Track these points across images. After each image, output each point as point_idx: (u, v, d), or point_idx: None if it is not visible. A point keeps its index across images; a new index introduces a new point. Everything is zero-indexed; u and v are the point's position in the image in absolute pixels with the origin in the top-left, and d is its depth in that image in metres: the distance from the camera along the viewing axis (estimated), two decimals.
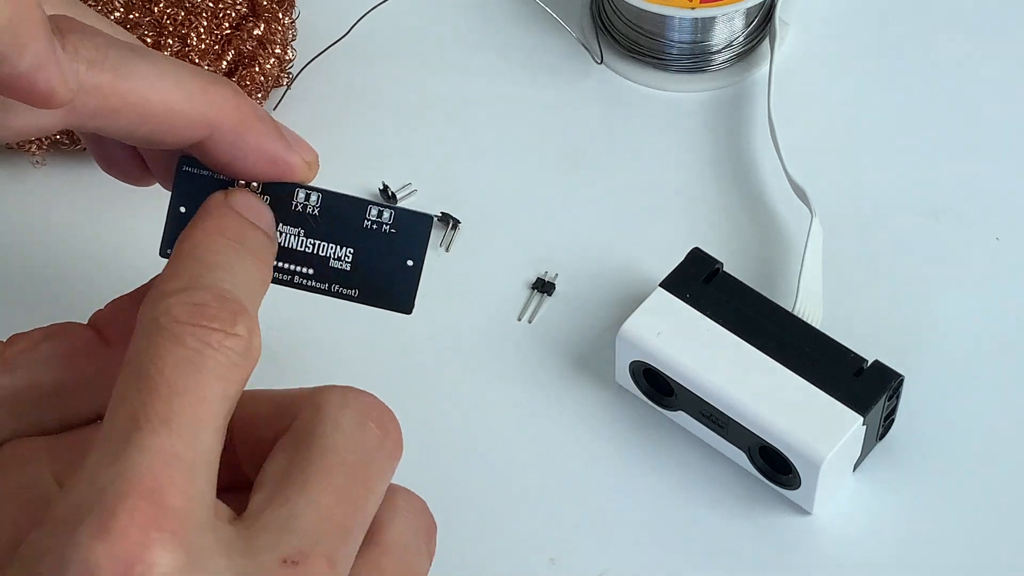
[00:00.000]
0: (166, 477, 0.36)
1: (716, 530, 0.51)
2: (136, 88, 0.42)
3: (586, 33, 0.64)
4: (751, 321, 0.51)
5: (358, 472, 0.40)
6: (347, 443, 0.40)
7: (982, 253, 0.57)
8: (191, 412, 0.37)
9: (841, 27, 0.64)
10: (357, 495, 0.40)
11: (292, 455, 0.40)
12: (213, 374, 0.38)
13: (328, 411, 0.41)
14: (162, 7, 0.59)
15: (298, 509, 0.38)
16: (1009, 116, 0.61)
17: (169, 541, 0.35)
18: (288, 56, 0.61)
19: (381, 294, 0.46)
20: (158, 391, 0.37)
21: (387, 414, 0.42)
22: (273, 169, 0.44)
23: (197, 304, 0.39)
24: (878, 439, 0.52)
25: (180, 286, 0.40)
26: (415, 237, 0.45)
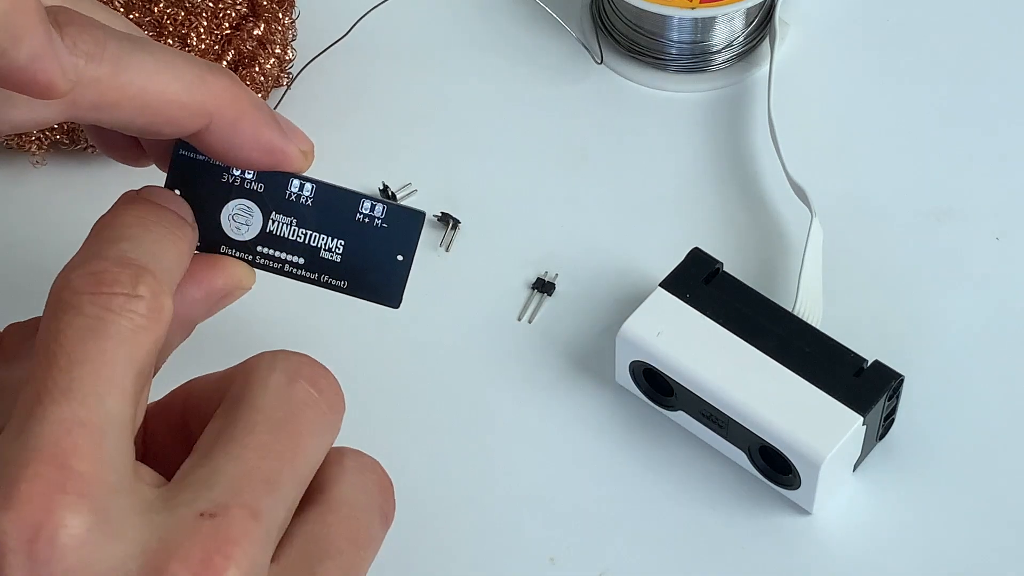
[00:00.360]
0: (69, 443, 0.36)
1: (716, 530, 0.51)
2: (134, 80, 0.42)
3: (586, 33, 0.64)
4: (751, 321, 0.51)
5: (285, 427, 0.39)
6: (273, 400, 0.40)
7: (982, 253, 0.57)
8: (92, 379, 0.37)
9: (841, 27, 0.64)
10: (283, 448, 0.39)
11: (222, 420, 0.40)
12: (115, 339, 0.38)
13: (256, 374, 0.41)
14: (162, 7, 0.59)
15: (219, 465, 0.38)
16: (1009, 116, 0.61)
17: (76, 503, 0.36)
18: (288, 56, 0.61)
19: (369, 287, 0.46)
20: (58, 363, 0.37)
21: (320, 371, 0.41)
22: (269, 158, 0.44)
23: (94, 272, 0.39)
24: (878, 439, 0.52)
25: (79, 260, 0.40)
26: (407, 233, 0.45)
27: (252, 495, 0.38)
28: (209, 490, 0.38)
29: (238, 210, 0.46)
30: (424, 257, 0.58)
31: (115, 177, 0.59)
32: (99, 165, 0.60)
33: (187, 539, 0.36)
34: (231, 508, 0.37)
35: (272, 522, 0.38)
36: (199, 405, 0.42)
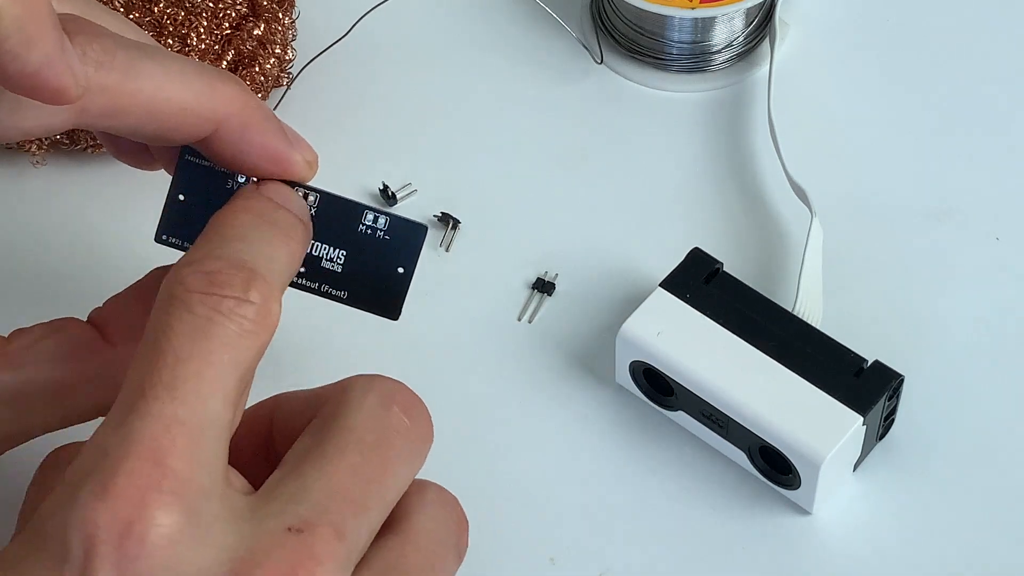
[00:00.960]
0: (167, 441, 0.36)
1: (716, 530, 0.51)
2: (144, 88, 0.42)
3: (586, 33, 0.64)
4: (751, 321, 0.51)
5: (376, 451, 0.40)
6: (367, 422, 0.40)
7: (982, 253, 0.57)
8: (196, 379, 0.38)
9: (841, 27, 0.64)
10: (372, 472, 0.40)
11: (314, 437, 0.40)
12: (221, 341, 0.38)
13: (352, 394, 0.41)
14: (162, 7, 0.59)
15: (309, 481, 0.39)
16: (1009, 116, 0.61)
17: (169, 502, 0.36)
18: (288, 56, 0.61)
19: (370, 298, 0.46)
20: (164, 358, 0.38)
21: (414, 400, 0.42)
22: (274, 166, 0.45)
23: (209, 272, 0.39)
24: (878, 439, 0.52)
25: (195, 257, 0.40)
26: (408, 245, 0.45)
27: (339, 515, 0.38)
28: (297, 505, 0.38)
29: None
30: (424, 257, 0.57)
31: (115, 177, 0.59)
32: (99, 165, 0.60)
33: (273, 552, 0.37)
34: (318, 526, 0.37)
35: (355, 544, 0.38)
36: (287, 420, 0.42)
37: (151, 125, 0.43)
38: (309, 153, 0.45)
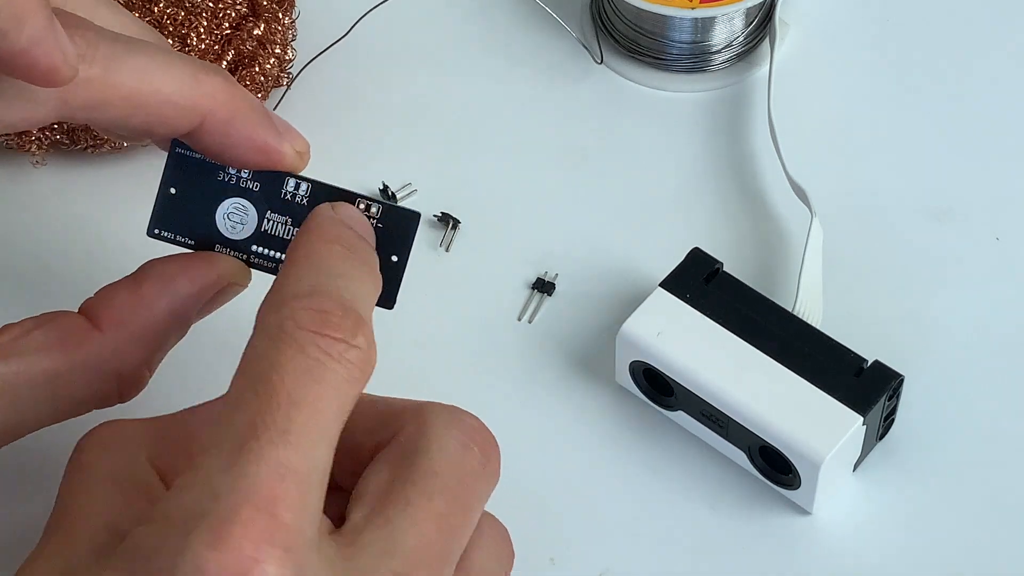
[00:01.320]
0: (281, 490, 0.36)
1: (716, 530, 0.51)
2: (127, 81, 0.42)
3: (586, 33, 0.64)
4: (751, 321, 0.51)
5: (459, 498, 0.40)
6: (450, 466, 0.40)
7: (982, 253, 0.57)
8: (309, 425, 0.37)
9: (841, 27, 0.64)
10: (456, 523, 0.40)
11: (395, 471, 0.40)
12: (331, 386, 0.38)
13: (434, 430, 0.40)
14: (162, 7, 0.59)
15: (399, 532, 0.38)
16: (1009, 116, 0.61)
17: (280, 557, 0.35)
18: (288, 56, 0.61)
19: None
20: (277, 399, 0.37)
21: (490, 440, 0.42)
22: (263, 158, 0.44)
23: (322, 312, 0.38)
24: (878, 439, 0.52)
25: (304, 291, 0.39)
26: (402, 233, 0.45)
27: (430, 570, 0.38)
28: (390, 559, 0.38)
29: (233, 209, 0.46)
30: (424, 257, 0.58)
31: (115, 177, 0.59)
32: (99, 165, 0.60)
33: None
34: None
35: None
36: (347, 431, 0.41)
37: (135, 118, 0.43)
38: (299, 143, 0.45)
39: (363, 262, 0.42)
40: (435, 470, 0.40)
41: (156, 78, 0.42)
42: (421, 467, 0.40)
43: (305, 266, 0.41)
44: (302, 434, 0.36)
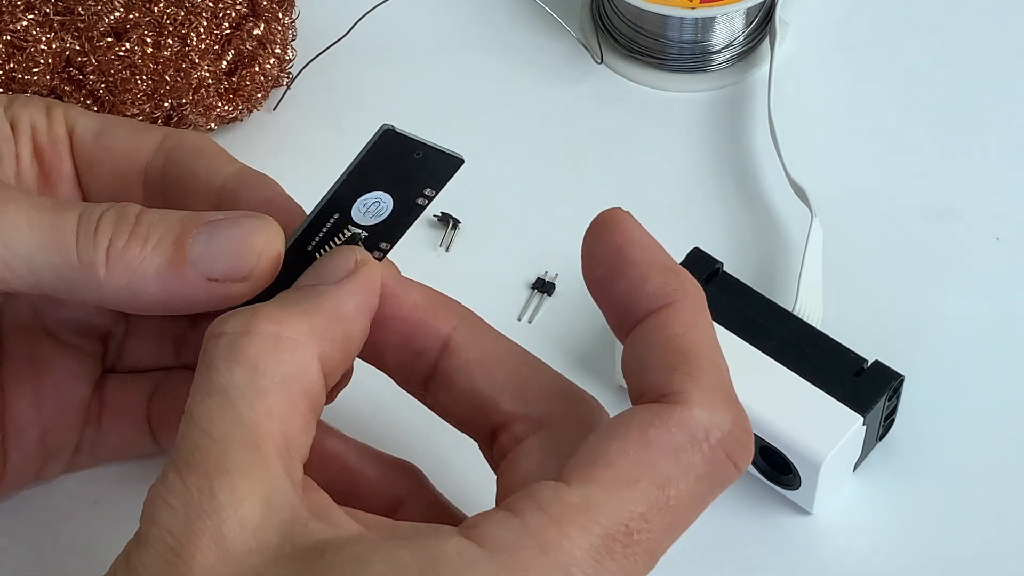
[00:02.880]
0: None
1: (716, 530, 0.51)
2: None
3: (586, 33, 0.64)
4: (751, 321, 0.51)
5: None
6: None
7: (982, 253, 0.57)
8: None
9: (841, 27, 0.64)
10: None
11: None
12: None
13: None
14: (162, 7, 0.59)
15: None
16: (1009, 116, 0.61)
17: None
18: (288, 56, 0.61)
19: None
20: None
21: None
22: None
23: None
24: (878, 439, 0.52)
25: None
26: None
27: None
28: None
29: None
30: (424, 257, 0.58)
31: None
32: None
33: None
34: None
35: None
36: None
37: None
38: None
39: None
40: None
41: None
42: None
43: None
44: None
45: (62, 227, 0.42)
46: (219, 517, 0.36)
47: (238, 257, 0.42)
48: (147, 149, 0.47)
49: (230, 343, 0.39)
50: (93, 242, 0.42)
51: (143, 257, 0.42)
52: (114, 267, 0.42)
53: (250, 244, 0.42)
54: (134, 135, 0.47)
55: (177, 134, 0.47)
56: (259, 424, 0.38)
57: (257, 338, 0.39)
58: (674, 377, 0.39)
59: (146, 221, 0.42)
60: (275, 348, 0.39)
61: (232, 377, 0.38)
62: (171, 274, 0.42)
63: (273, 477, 0.37)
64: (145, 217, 0.42)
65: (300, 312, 0.40)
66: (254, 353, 0.38)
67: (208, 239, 0.42)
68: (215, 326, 0.39)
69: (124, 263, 0.42)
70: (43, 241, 0.42)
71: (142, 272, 0.42)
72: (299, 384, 0.39)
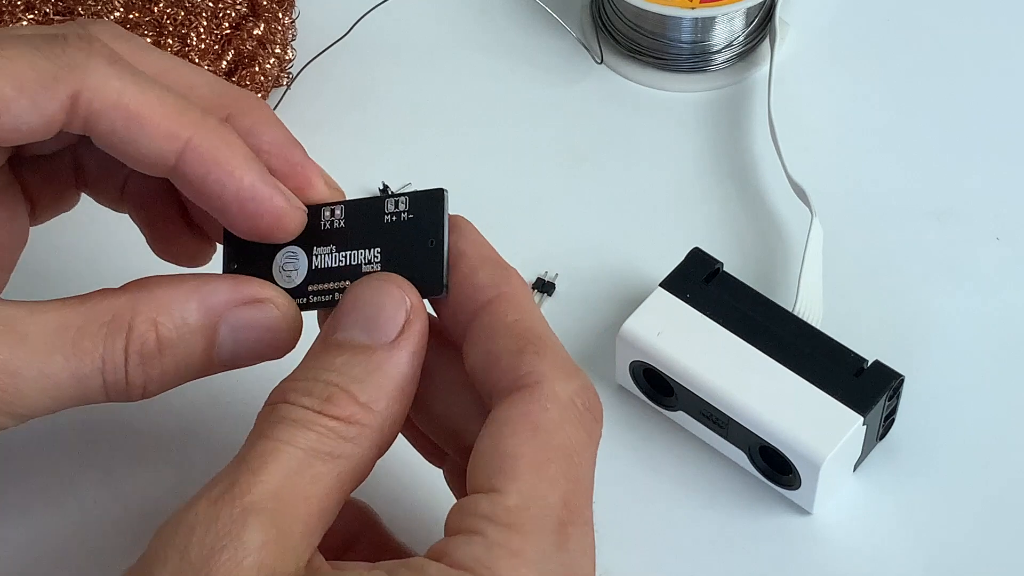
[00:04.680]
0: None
1: (716, 530, 0.51)
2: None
3: (586, 33, 0.64)
4: (751, 321, 0.51)
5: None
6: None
7: (982, 253, 0.57)
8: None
9: (841, 27, 0.64)
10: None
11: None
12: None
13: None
14: (162, 7, 0.59)
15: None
16: (1009, 116, 0.61)
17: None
18: (288, 56, 0.61)
19: (414, 282, 0.44)
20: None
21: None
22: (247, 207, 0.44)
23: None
24: (878, 439, 0.52)
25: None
26: (432, 215, 0.44)
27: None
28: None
29: (286, 259, 0.45)
30: None
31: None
32: None
33: None
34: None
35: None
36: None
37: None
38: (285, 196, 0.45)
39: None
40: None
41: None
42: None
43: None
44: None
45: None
46: (242, 552, 0.37)
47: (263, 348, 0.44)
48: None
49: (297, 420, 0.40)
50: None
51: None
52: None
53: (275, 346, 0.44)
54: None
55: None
56: (304, 493, 0.39)
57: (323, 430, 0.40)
58: (524, 359, 0.41)
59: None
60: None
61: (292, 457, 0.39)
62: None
63: (298, 539, 0.39)
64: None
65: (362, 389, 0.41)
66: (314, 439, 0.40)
67: (233, 341, 0.44)
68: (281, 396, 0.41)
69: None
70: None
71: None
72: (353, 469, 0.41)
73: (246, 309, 0.44)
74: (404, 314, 0.42)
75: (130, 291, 0.44)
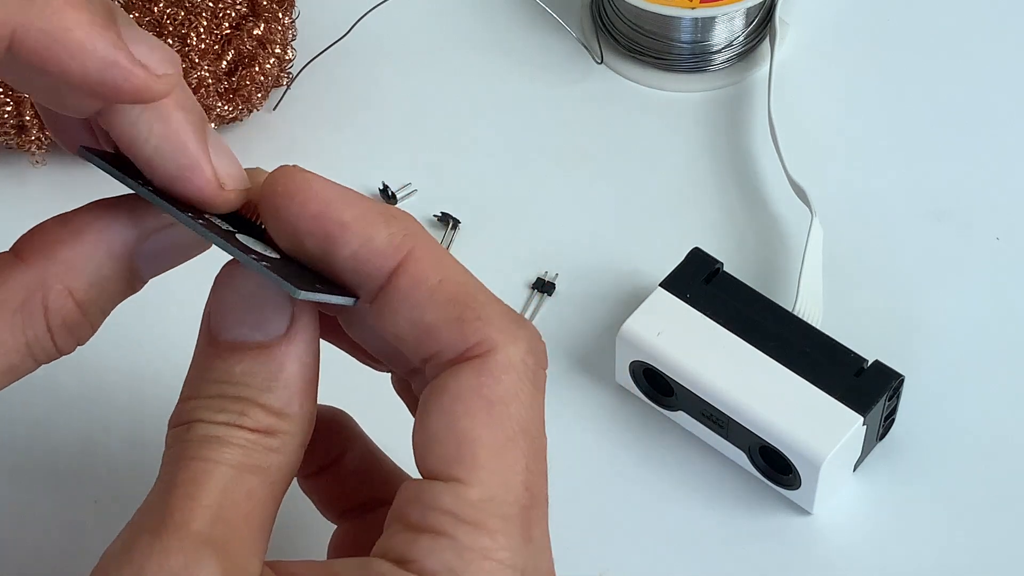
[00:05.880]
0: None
1: (716, 530, 0.51)
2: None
3: (586, 33, 0.64)
4: (751, 321, 0.51)
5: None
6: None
7: (982, 253, 0.57)
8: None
9: (841, 27, 0.64)
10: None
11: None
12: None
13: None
14: (162, 7, 0.59)
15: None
16: (1009, 116, 0.61)
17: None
18: (288, 56, 0.61)
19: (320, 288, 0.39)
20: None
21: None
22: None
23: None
24: (878, 439, 0.52)
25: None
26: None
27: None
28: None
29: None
30: None
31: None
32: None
33: None
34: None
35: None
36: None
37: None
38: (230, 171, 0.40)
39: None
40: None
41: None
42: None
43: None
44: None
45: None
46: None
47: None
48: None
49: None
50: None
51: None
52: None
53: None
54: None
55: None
56: (243, 511, 0.37)
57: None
58: (466, 327, 0.37)
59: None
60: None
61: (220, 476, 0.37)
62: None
63: (248, 561, 0.37)
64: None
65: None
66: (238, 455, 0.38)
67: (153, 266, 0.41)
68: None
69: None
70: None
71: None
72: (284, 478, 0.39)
73: (156, 237, 0.40)
74: (289, 300, 0.38)
75: (32, 262, 0.40)
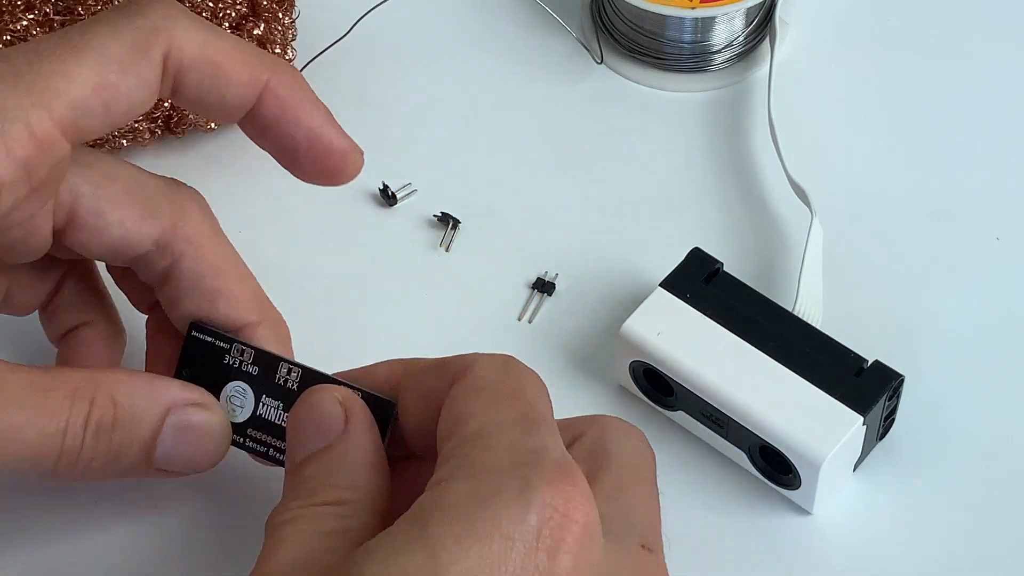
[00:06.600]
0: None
1: (716, 530, 0.51)
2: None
3: (586, 33, 0.64)
4: (751, 321, 0.51)
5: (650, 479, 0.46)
6: (637, 459, 0.45)
7: (982, 253, 0.57)
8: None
9: (841, 27, 0.64)
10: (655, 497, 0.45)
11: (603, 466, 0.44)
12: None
13: (614, 435, 0.45)
14: None
15: (631, 507, 0.43)
16: (1009, 116, 0.61)
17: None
18: (288, 56, 0.61)
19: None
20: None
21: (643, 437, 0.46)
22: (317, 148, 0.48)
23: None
24: (878, 439, 0.52)
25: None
26: (380, 421, 0.45)
27: (655, 538, 0.43)
28: (634, 528, 0.42)
29: (235, 392, 0.47)
30: (424, 257, 0.58)
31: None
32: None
33: (638, 567, 0.41)
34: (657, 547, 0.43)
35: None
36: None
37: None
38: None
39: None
40: (630, 463, 0.44)
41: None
42: (619, 463, 0.44)
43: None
44: None
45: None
46: None
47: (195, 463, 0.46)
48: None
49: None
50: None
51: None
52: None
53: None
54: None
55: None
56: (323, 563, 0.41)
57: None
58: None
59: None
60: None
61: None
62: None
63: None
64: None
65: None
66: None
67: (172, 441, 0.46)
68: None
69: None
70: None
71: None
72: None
73: (190, 410, 0.46)
74: (339, 404, 0.44)
75: (91, 371, 0.45)
